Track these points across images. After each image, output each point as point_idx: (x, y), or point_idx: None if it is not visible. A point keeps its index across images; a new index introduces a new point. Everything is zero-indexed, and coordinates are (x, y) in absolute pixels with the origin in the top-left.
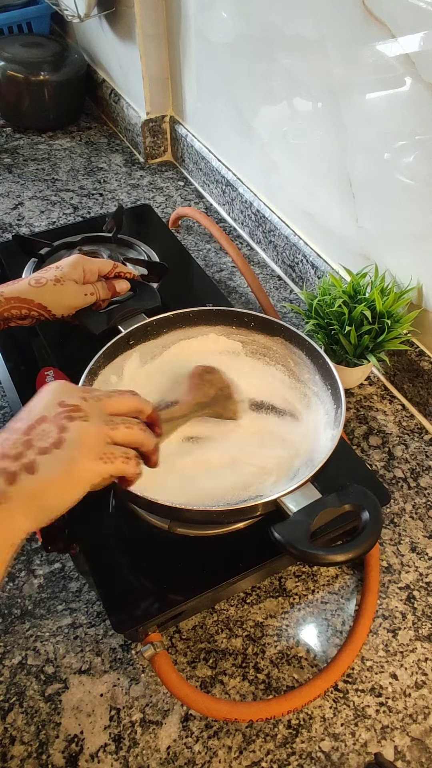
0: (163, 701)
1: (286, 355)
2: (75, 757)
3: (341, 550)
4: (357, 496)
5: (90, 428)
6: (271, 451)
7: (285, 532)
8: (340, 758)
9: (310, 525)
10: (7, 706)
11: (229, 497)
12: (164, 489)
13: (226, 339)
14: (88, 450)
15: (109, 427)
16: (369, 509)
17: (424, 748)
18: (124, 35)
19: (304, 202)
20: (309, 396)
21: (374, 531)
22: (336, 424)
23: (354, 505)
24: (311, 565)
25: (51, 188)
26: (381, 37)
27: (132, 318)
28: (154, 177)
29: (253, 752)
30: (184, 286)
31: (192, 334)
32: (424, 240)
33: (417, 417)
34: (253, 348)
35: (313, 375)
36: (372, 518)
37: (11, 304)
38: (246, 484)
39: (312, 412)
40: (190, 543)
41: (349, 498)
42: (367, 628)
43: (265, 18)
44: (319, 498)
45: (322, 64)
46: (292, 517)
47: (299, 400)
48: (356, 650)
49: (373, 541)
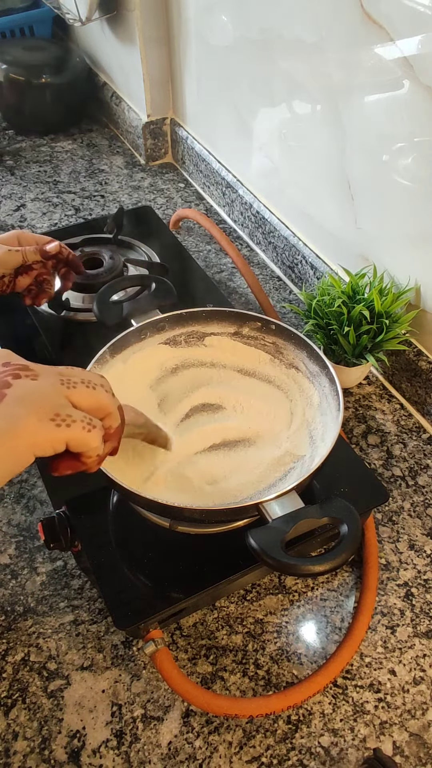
0: (164, 697)
1: (295, 359)
2: (77, 752)
3: (315, 561)
4: (338, 510)
5: (40, 385)
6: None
7: (259, 538)
8: (339, 753)
9: (286, 534)
10: (10, 702)
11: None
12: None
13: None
14: (37, 407)
15: (65, 386)
16: (348, 523)
17: (422, 743)
18: (125, 38)
19: (303, 204)
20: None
21: (350, 546)
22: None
23: (333, 518)
24: (283, 573)
25: (53, 190)
26: (379, 40)
27: (146, 313)
28: (154, 179)
29: (254, 747)
30: (185, 286)
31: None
32: (422, 241)
33: (415, 416)
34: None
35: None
36: (350, 533)
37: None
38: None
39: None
40: (191, 541)
41: (330, 511)
42: (366, 624)
43: (264, 21)
44: (301, 508)
45: (321, 67)
46: (271, 524)
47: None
48: (355, 647)
49: (348, 556)
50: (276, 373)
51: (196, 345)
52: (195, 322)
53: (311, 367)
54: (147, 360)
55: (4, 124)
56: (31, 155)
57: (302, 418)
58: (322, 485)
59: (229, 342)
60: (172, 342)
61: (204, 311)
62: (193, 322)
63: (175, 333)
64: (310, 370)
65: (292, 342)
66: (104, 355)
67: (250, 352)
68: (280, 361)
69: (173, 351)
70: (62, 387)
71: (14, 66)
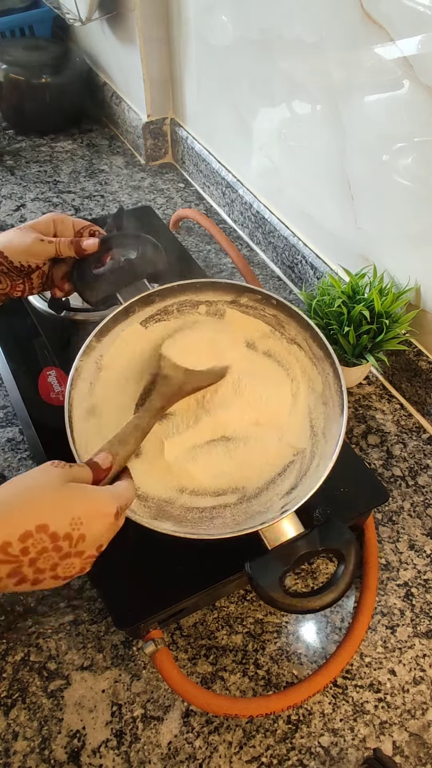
0: (164, 697)
1: (297, 336)
2: (77, 752)
3: (314, 597)
4: (337, 541)
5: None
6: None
7: (257, 573)
8: (339, 753)
9: (286, 568)
10: (10, 702)
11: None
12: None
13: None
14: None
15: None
16: (347, 554)
17: (422, 743)
18: (125, 38)
19: (303, 204)
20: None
21: (349, 577)
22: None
23: (331, 549)
24: (282, 612)
25: (53, 190)
26: (379, 40)
27: (132, 285)
28: (154, 179)
29: (253, 747)
30: None
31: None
32: (422, 241)
33: (415, 416)
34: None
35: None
36: (348, 564)
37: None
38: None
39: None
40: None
41: (329, 540)
42: (366, 624)
43: (264, 21)
44: (300, 536)
45: (321, 67)
46: (270, 554)
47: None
48: (355, 647)
49: (347, 587)
50: (276, 347)
51: (189, 313)
52: (189, 291)
53: (315, 350)
54: (129, 343)
55: (4, 124)
56: (31, 155)
57: (304, 403)
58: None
59: (226, 309)
60: (164, 312)
61: (197, 282)
62: (187, 291)
63: (167, 303)
64: (314, 353)
65: (294, 320)
66: (90, 343)
67: (249, 321)
68: (281, 335)
69: (165, 325)
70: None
71: (14, 66)
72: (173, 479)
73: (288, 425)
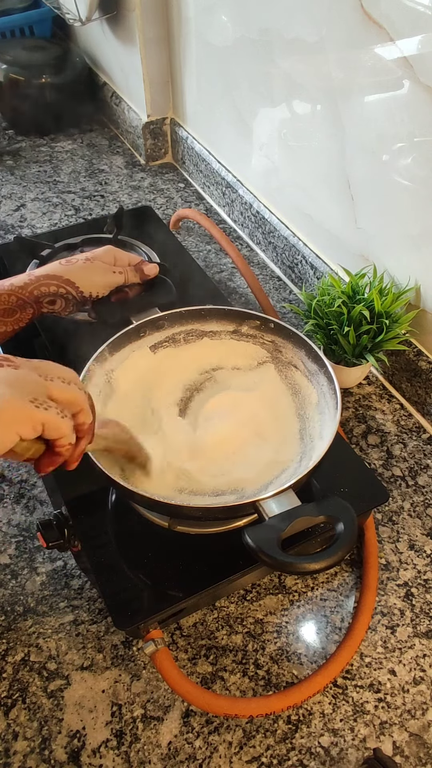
0: (164, 697)
1: (294, 357)
2: (77, 752)
3: (311, 559)
4: (334, 508)
5: (22, 373)
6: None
7: (255, 537)
8: (339, 753)
9: (283, 531)
10: (10, 702)
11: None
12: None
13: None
14: (20, 389)
15: (43, 378)
16: (344, 521)
17: (422, 743)
18: (125, 38)
19: (303, 204)
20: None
21: (347, 544)
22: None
23: (330, 516)
24: (279, 571)
25: (53, 190)
26: (379, 40)
27: (145, 311)
28: (154, 179)
29: (253, 747)
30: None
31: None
32: (422, 241)
33: (415, 416)
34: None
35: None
36: (346, 530)
37: (41, 281)
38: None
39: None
40: (190, 540)
41: (326, 509)
42: (366, 624)
43: (264, 21)
44: (298, 506)
45: (321, 67)
46: (267, 522)
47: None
48: (355, 647)
49: (344, 554)
50: (274, 372)
51: (194, 342)
52: (194, 320)
53: (310, 366)
54: (139, 363)
55: (4, 124)
56: (31, 155)
57: (301, 417)
58: (321, 485)
59: (229, 341)
60: (171, 341)
61: (203, 309)
62: (192, 320)
63: (174, 331)
64: (308, 369)
65: (291, 340)
66: (103, 353)
67: (250, 349)
68: (279, 360)
69: (174, 351)
70: (40, 378)
71: (14, 66)
72: (172, 479)
73: (286, 437)
